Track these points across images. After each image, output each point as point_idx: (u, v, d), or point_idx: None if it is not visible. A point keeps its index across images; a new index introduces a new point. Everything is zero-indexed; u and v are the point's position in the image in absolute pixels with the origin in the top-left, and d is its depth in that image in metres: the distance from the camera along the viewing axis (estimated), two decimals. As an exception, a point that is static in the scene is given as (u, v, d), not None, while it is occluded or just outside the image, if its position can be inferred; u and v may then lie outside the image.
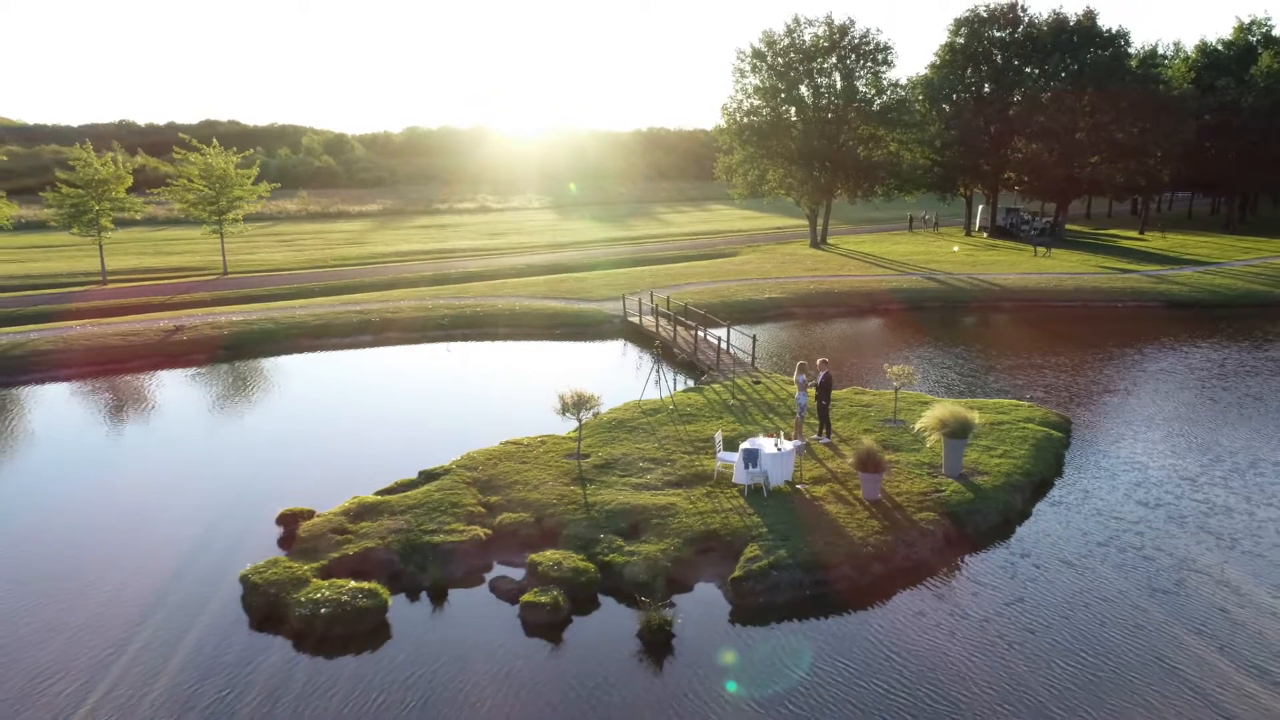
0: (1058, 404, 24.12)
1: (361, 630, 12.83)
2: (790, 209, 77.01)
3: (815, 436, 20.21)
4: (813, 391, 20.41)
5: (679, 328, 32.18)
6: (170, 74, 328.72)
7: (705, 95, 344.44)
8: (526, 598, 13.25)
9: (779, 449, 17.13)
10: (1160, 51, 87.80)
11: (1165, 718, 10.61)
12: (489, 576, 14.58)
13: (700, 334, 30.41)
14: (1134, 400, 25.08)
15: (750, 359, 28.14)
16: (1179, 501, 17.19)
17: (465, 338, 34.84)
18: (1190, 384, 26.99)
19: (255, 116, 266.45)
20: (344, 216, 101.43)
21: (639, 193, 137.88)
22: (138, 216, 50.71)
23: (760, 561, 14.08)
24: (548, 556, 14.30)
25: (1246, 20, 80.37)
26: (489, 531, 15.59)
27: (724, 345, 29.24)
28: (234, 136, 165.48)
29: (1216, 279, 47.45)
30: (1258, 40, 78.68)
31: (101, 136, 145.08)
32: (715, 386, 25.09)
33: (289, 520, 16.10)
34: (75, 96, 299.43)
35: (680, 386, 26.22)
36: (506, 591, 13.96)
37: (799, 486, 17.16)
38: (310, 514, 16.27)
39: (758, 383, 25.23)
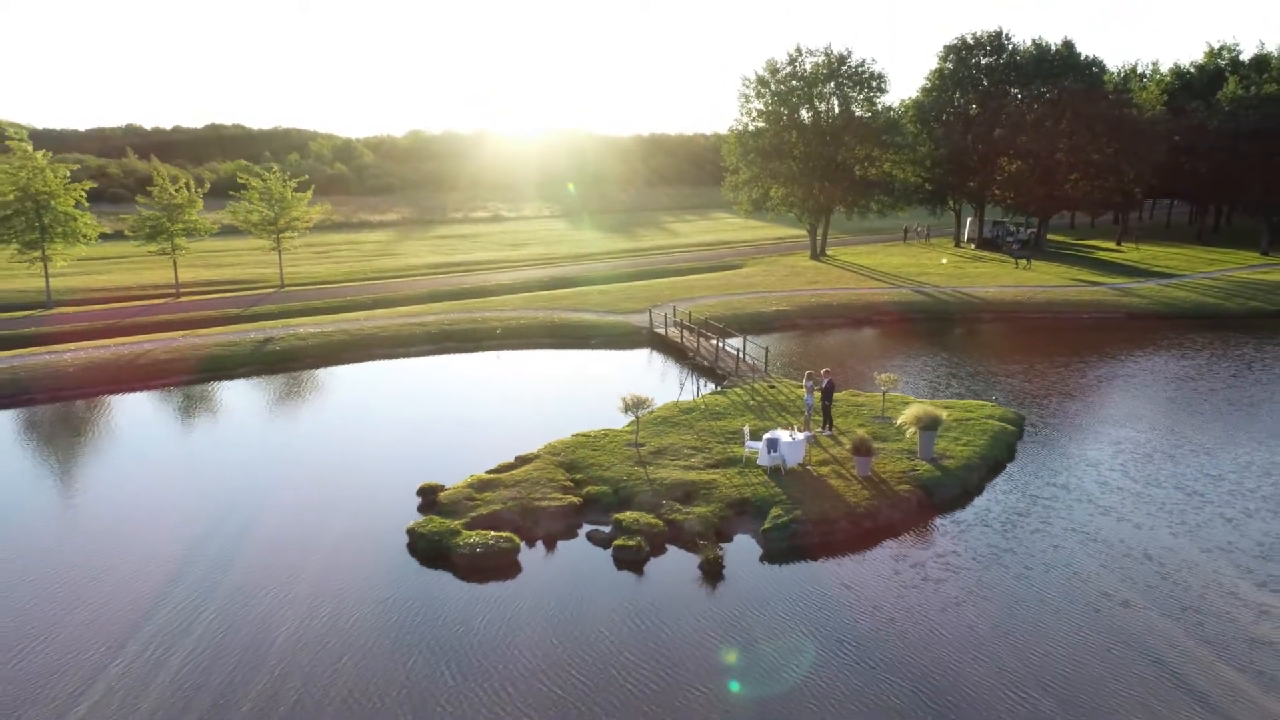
0: (1015, 404, 29.57)
1: (503, 564, 18.24)
2: (792, 219, 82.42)
3: (820, 429, 25.62)
4: (818, 394, 25.80)
5: (700, 339, 37.57)
6: (168, 76, 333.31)
7: (706, 99, 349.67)
8: (618, 542, 18.68)
9: (793, 439, 22.56)
10: (1140, 71, 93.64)
11: (1039, 615, 16.02)
12: (582, 531, 19.97)
13: (720, 344, 35.83)
14: (1074, 401, 30.51)
15: (764, 366, 33.54)
16: (1082, 482, 22.60)
17: (516, 347, 40.24)
18: (1118, 388, 32.45)
19: (258, 120, 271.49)
20: (366, 226, 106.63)
21: (641, 198, 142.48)
22: (206, 236, 56.02)
23: (782, 518, 19.52)
24: (628, 515, 19.73)
25: (1217, 45, 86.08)
26: (579, 499, 20.98)
27: (741, 354, 34.67)
28: (239, 140, 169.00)
29: (1176, 292, 52.91)
30: (1226, 65, 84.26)
31: (109, 140, 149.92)
32: (736, 390, 30.51)
33: (427, 492, 21.47)
34: (80, 100, 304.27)
35: (707, 390, 31.64)
36: (599, 540, 19.36)
37: (808, 467, 22.58)
38: (441, 487, 21.64)
39: (772, 387, 30.65)
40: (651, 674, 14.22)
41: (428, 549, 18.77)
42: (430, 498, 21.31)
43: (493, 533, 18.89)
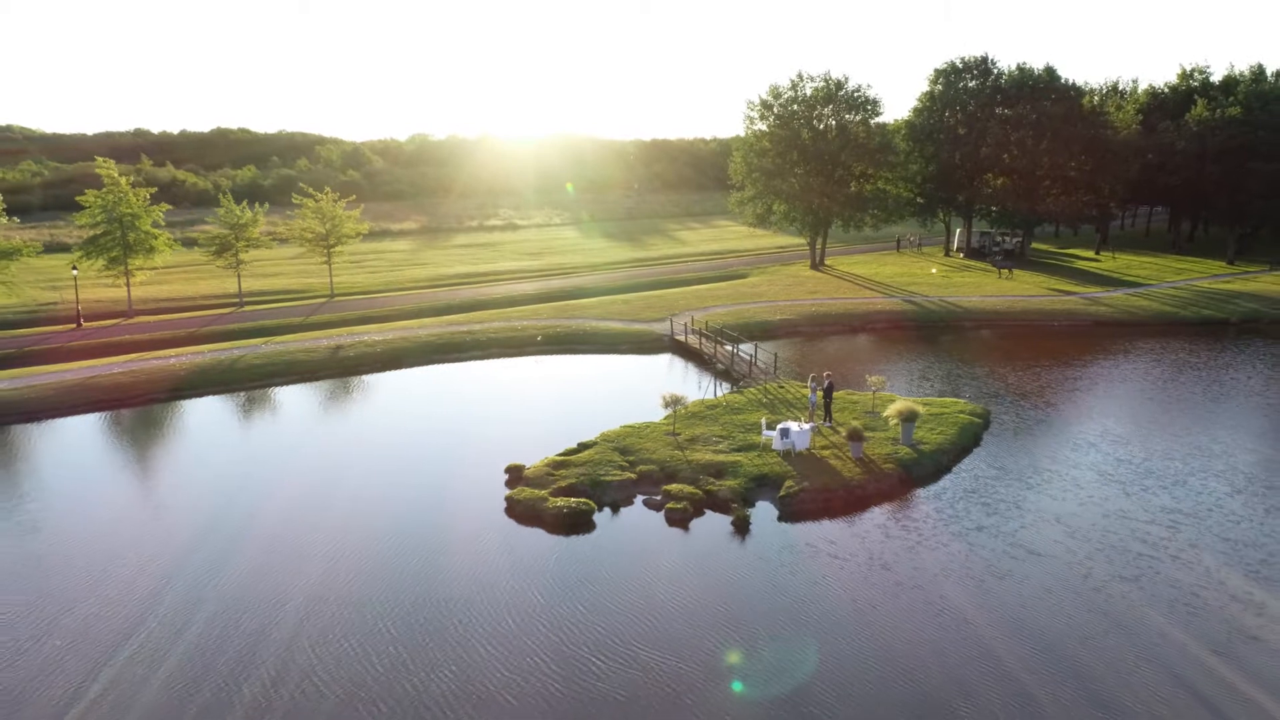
0: (983, 401, 35.38)
1: (581, 523, 24.05)
2: (793, 229, 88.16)
3: (822, 422, 31.43)
4: (820, 393, 31.59)
5: (716, 345, 43.36)
6: (167, 79, 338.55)
7: (708, 102, 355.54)
8: (669, 506, 24.52)
9: (801, 429, 28.40)
10: (1121, 88, 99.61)
11: (969, 560, 21.86)
12: (638, 500, 25.75)
13: (734, 350, 41.64)
14: (1033, 400, 36.34)
15: (773, 369, 39.34)
16: (1019, 466, 28.37)
17: (554, 353, 46.01)
18: (1069, 389, 38.28)
19: (262, 124, 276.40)
20: (389, 235, 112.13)
21: (644, 204, 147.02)
22: (267, 252, 61.80)
23: (794, 489, 25.36)
24: (674, 487, 25.57)
25: (1189, 67, 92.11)
26: (634, 475, 26.79)
27: (753, 359, 40.47)
28: (244, 144, 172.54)
29: (1140, 301, 58.74)
30: (1197, 86, 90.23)
31: (118, 145, 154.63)
32: (750, 390, 36.32)
33: (513, 470, 27.25)
34: (83, 103, 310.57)
35: (725, 390, 37.45)
36: (652, 505, 25.18)
37: (813, 451, 28.41)
38: (523, 466, 27.42)
39: (781, 387, 36.48)
40: (697, 598, 20.00)
41: (524, 512, 24.59)
42: (516, 474, 27.10)
43: (573, 499, 24.72)
